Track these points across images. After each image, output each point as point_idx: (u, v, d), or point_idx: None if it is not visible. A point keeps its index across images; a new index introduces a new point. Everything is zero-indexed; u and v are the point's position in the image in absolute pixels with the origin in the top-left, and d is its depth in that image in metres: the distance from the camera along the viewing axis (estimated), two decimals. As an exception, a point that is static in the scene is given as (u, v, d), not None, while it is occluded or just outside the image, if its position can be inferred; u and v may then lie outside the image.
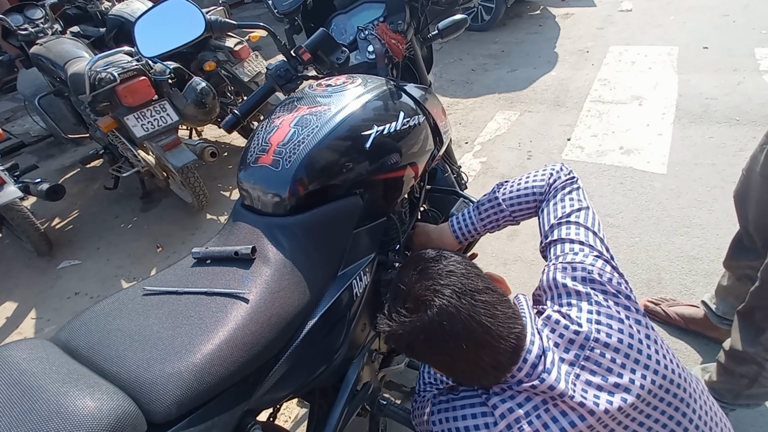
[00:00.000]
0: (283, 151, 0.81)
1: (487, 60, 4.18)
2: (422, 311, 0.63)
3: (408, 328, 0.64)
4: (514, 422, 0.62)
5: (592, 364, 0.64)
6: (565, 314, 0.68)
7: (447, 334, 0.62)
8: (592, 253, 0.75)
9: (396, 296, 0.69)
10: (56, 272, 2.37)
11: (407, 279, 0.68)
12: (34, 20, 2.82)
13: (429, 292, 0.64)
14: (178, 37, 0.93)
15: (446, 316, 0.62)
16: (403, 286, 0.68)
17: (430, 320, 0.62)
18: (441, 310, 0.62)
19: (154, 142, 2.19)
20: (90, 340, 0.61)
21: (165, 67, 2.16)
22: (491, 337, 0.62)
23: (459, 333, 0.61)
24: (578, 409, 0.61)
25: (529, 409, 0.62)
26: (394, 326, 0.66)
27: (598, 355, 0.65)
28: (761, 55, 3.36)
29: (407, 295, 0.67)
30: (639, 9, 4.79)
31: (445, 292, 0.63)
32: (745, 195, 1.21)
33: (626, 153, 2.54)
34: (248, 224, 0.81)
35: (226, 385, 0.60)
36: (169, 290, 0.68)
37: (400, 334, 0.66)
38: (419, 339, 0.64)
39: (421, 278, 0.67)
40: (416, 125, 0.95)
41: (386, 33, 1.07)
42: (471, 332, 0.62)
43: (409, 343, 0.66)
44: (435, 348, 0.64)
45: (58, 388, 0.51)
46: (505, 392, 0.64)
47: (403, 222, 1.14)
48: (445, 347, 0.63)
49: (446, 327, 0.61)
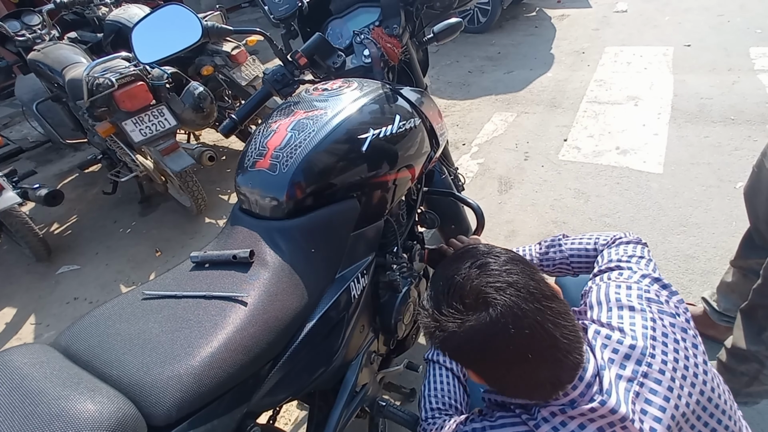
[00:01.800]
0: (280, 155, 0.82)
1: (483, 62, 4.20)
2: (483, 310, 0.56)
3: (464, 327, 0.56)
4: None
5: (652, 382, 0.58)
6: (617, 327, 0.63)
7: (509, 339, 0.54)
8: (649, 277, 0.71)
9: (449, 289, 0.60)
10: (55, 277, 2.37)
11: (464, 272, 0.60)
12: (31, 26, 2.82)
13: (492, 289, 0.57)
14: (175, 43, 0.94)
15: (511, 319, 0.54)
16: (460, 279, 0.60)
17: (492, 321, 0.55)
18: (506, 311, 0.55)
19: (153, 147, 2.20)
20: (90, 345, 0.62)
21: (162, 72, 2.17)
22: (557, 349, 0.56)
23: (523, 339, 0.54)
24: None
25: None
26: (444, 323, 0.58)
27: (657, 372, 0.58)
28: (756, 54, 3.38)
29: (465, 290, 0.59)
30: (634, 10, 4.82)
31: (509, 292, 0.56)
32: (756, 192, 1.20)
33: (623, 153, 2.56)
34: (246, 228, 0.82)
35: (225, 387, 0.60)
36: (168, 294, 0.69)
37: (451, 333, 0.57)
38: (475, 340, 0.56)
39: (482, 274, 0.59)
40: (412, 128, 0.95)
41: (382, 37, 1.08)
42: (535, 340, 0.55)
43: (460, 344, 0.57)
44: (490, 352, 0.56)
45: (59, 392, 0.52)
46: (556, 417, 0.57)
47: (400, 224, 1.15)
48: (502, 353, 0.56)
49: (510, 331, 0.54)
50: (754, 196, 1.21)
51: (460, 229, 1.72)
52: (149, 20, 0.96)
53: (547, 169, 2.56)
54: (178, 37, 0.94)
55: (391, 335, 1.08)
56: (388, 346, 1.16)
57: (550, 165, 2.59)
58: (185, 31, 0.94)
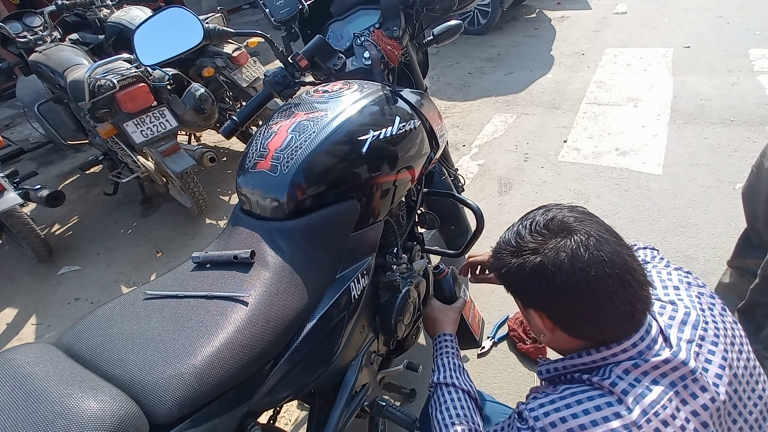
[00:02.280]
0: (281, 156, 0.82)
1: (484, 63, 4.21)
2: (567, 236, 0.58)
3: (546, 248, 0.58)
4: (649, 407, 0.54)
5: (709, 344, 0.60)
6: (668, 301, 0.65)
7: (591, 262, 0.56)
8: (680, 270, 0.74)
9: (533, 222, 0.63)
10: (57, 278, 2.38)
11: (546, 209, 0.64)
12: (32, 28, 2.83)
13: (574, 220, 0.60)
14: (176, 46, 0.95)
15: (594, 242, 0.57)
16: (543, 213, 0.63)
17: (577, 243, 0.57)
18: (589, 236, 0.57)
19: (154, 148, 2.21)
20: (92, 344, 0.63)
21: (164, 73, 2.18)
22: (633, 278, 0.57)
23: (603, 265, 0.56)
24: (702, 395, 0.56)
25: (660, 392, 0.55)
26: (530, 243, 0.60)
27: (712, 336, 0.61)
28: (755, 56, 3.39)
29: (551, 220, 0.61)
30: (634, 11, 4.83)
31: (591, 223, 0.60)
32: (755, 192, 1.20)
33: (622, 154, 2.56)
34: (247, 229, 0.83)
35: (226, 386, 0.61)
36: (169, 294, 0.70)
37: (535, 262, 0.58)
38: (558, 264, 0.57)
39: (564, 209, 0.63)
40: (412, 129, 0.96)
41: (382, 39, 1.09)
42: (615, 266, 0.56)
43: (541, 269, 0.58)
44: (570, 278, 0.56)
45: (61, 390, 0.52)
46: (630, 374, 0.57)
47: (400, 225, 1.16)
48: (583, 279, 0.56)
49: (593, 253, 0.56)
50: (752, 195, 1.22)
51: (460, 230, 1.72)
52: (151, 23, 0.97)
53: (546, 170, 2.56)
54: (179, 39, 0.95)
55: (391, 335, 1.09)
56: (388, 347, 1.16)
57: (549, 166, 2.59)
58: (187, 34, 0.95)
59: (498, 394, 1.47)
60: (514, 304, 1.85)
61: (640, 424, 0.53)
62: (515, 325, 1.62)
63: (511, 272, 0.62)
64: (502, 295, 1.81)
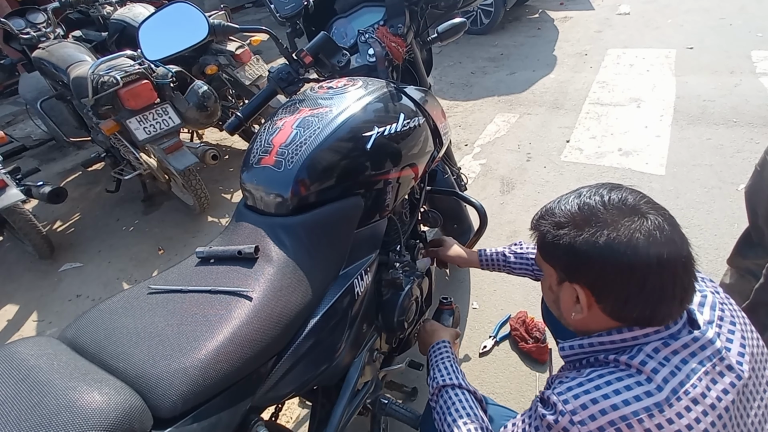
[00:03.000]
0: (286, 152, 0.82)
1: (486, 63, 4.20)
2: (641, 216, 0.58)
3: (622, 226, 0.57)
4: (679, 386, 0.55)
5: (728, 324, 0.62)
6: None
7: (667, 243, 0.56)
8: None
9: (606, 197, 0.62)
10: (58, 275, 2.38)
11: (618, 190, 0.63)
12: (36, 24, 2.84)
13: (646, 206, 0.60)
14: (181, 41, 0.95)
15: (667, 226, 0.58)
16: (616, 190, 0.63)
17: (653, 224, 0.57)
18: (664, 219, 0.58)
19: (156, 145, 2.21)
20: (96, 338, 0.63)
21: (167, 70, 2.18)
22: (691, 265, 0.58)
23: (677, 245, 0.57)
24: (728, 374, 0.57)
25: (689, 371, 0.56)
26: (605, 217, 0.59)
27: (730, 317, 0.63)
28: (758, 57, 3.39)
29: (623, 199, 0.61)
30: (637, 12, 4.83)
31: (661, 210, 0.60)
32: (758, 190, 1.20)
33: (625, 154, 2.56)
34: (251, 224, 0.83)
35: (230, 381, 0.61)
36: (174, 289, 0.70)
37: (610, 237, 0.57)
38: (636, 240, 0.57)
39: (638, 193, 0.63)
40: (416, 127, 0.96)
41: (386, 36, 1.09)
42: (683, 251, 0.58)
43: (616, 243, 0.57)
44: (646, 256, 0.56)
45: (66, 383, 0.52)
46: (659, 353, 0.58)
47: (403, 222, 1.16)
48: (657, 257, 0.56)
49: (667, 236, 0.57)
50: (755, 194, 1.22)
51: (463, 228, 1.72)
52: (156, 17, 0.97)
53: (549, 170, 2.56)
54: (184, 34, 0.95)
55: (393, 333, 1.09)
56: (391, 344, 1.16)
57: (552, 166, 2.59)
58: (192, 29, 0.95)
59: (499, 393, 1.47)
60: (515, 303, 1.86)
61: (672, 402, 0.54)
62: (517, 324, 1.62)
63: (573, 244, 0.60)
64: (504, 294, 1.81)
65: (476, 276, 1.92)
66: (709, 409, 0.54)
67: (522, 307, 1.71)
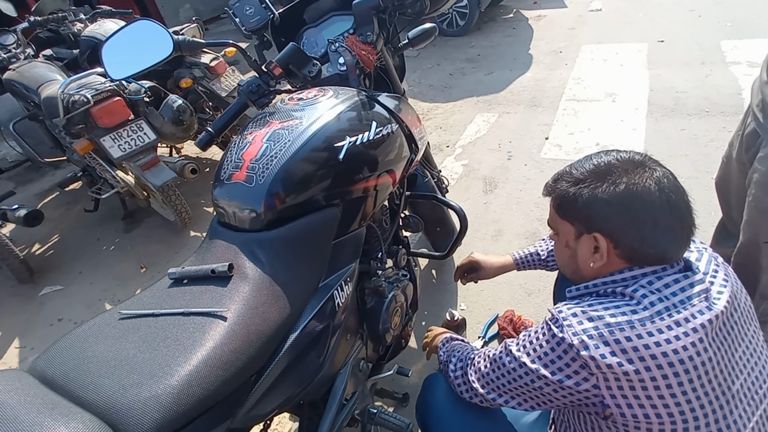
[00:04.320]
0: (257, 166, 0.81)
1: (464, 64, 4.24)
2: (649, 168, 0.67)
3: (635, 174, 0.66)
4: (664, 309, 0.62)
5: (722, 274, 0.69)
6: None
7: (672, 187, 0.65)
8: None
9: (617, 154, 0.71)
10: (39, 299, 2.32)
11: (626, 152, 0.72)
12: (5, 46, 2.77)
13: (652, 162, 0.69)
14: (146, 58, 0.93)
15: (671, 175, 0.67)
16: (624, 151, 0.72)
17: (661, 173, 0.66)
18: (667, 170, 0.68)
19: (133, 162, 2.17)
20: (66, 369, 0.61)
21: (140, 86, 2.15)
22: (690, 208, 0.67)
23: (681, 190, 0.66)
24: (714, 308, 0.63)
25: (676, 300, 0.63)
26: (619, 168, 0.67)
27: (723, 270, 0.70)
28: (727, 47, 3.47)
29: (631, 156, 0.70)
30: (609, 8, 4.92)
31: (664, 166, 0.69)
32: (726, 181, 1.23)
33: (602, 149, 2.59)
34: (225, 241, 0.81)
35: (206, 405, 0.59)
36: (145, 313, 0.68)
37: (627, 183, 0.65)
38: (648, 185, 0.65)
39: (642, 155, 0.71)
40: (390, 134, 0.96)
41: (356, 44, 1.08)
42: (685, 195, 0.67)
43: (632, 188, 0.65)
44: (658, 198, 0.64)
45: (32, 418, 0.50)
46: (652, 284, 0.65)
47: (384, 229, 1.15)
48: (667, 198, 0.64)
49: (672, 182, 0.66)
50: (724, 185, 1.25)
51: (446, 231, 1.73)
52: (119, 36, 0.95)
53: (530, 168, 2.58)
54: (149, 52, 0.94)
55: (379, 341, 1.08)
56: (378, 353, 1.16)
57: (533, 163, 2.62)
58: (157, 46, 0.93)
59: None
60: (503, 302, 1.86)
61: (654, 319, 0.60)
62: (505, 323, 1.63)
63: (595, 195, 0.67)
64: (491, 294, 1.82)
65: (463, 277, 1.92)
66: (691, 331, 0.59)
67: (509, 306, 1.72)
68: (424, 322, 1.75)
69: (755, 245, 1.08)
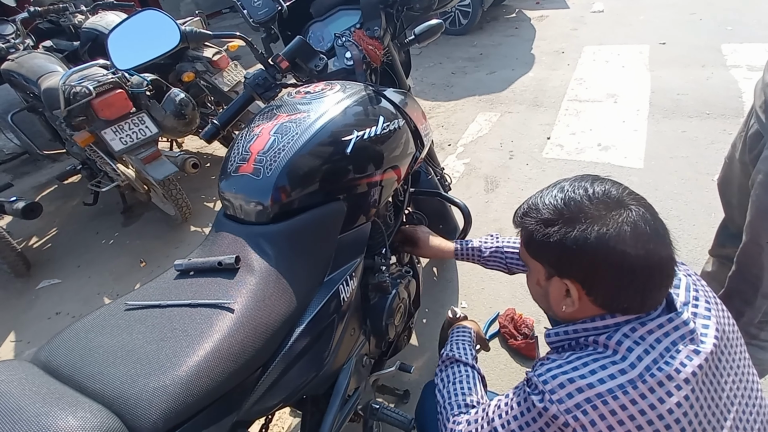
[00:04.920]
0: (264, 159, 0.81)
1: (466, 63, 4.24)
2: (626, 209, 0.59)
3: (610, 220, 0.58)
4: (652, 363, 0.57)
5: (703, 302, 0.64)
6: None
7: (652, 234, 0.58)
8: None
9: (590, 190, 0.62)
10: (35, 293, 2.30)
11: (600, 182, 0.64)
12: (4, 36, 2.75)
13: (629, 198, 0.61)
14: (153, 49, 0.92)
15: (650, 217, 0.59)
16: (599, 182, 0.64)
17: (638, 216, 0.59)
18: (646, 210, 0.60)
19: (134, 156, 2.15)
20: (71, 359, 0.60)
21: (142, 79, 2.13)
22: (672, 251, 0.60)
23: (661, 235, 0.59)
24: (701, 351, 0.58)
25: (663, 348, 0.58)
26: (592, 212, 0.60)
27: (704, 298, 0.65)
28: (727, 50, 3.49)
29: (606, 192, 0.62)
30: (610, 9, 4.93)
31: (642, 201, 0.62)
32: (728, 182, 1.24)
33: (604, 149, 2.60)
34: (231, 234, 0.81)
35: (213, 397, 0.59)
36: (152, 304, 0.67)
37: (600, 232, 0.58)
38: (624, 233, 0.58)
39: (618, 185, 0.64)
40: (396, 129, 0.96)
41: (363, 39, 1.08)
42: (667, 240, 0.60)
43: (606, 238, 0.58)
44: (634, 248, 0.57)
45: (38, 408, 0.50)
46: (636, 332, 0.60)
47: (388, 225, 1.15)
48: (645, 248, 0.58)
49: (651, 226, 0.58)
50: (726, 186, 1.25)
51: (448, 228, 1.72)
52: (125, 26, 0.94)
53: (531, 167, 2.59)
54: (155, 42, 0.93)
55: (382, 338, 1.08)
56: (380, 349, 1.15)
57: (534, 163, 2.62)
58: (163, 37, 0.92)
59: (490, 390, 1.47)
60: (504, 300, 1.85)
61: (645, 378, 0.56)
62: (506, 321, 1.63)
63: (564, 241, 0.60)
64: (492, 292, 1.82)
65: (464, 275, 1.92)
66: (683, 383, 0.56)
67: (510, 305, 1.72)
68: (425, 319, 1.75)
69: (758, 246, 1.09)
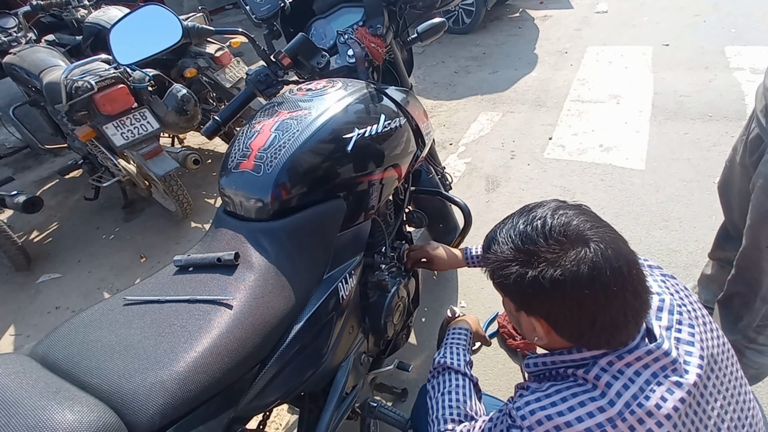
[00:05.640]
0: (265, 155, 0.81)
1: (469, 62, 4.23)
2: (583, 246, 0.56)
3: (566, 260, 0.55)
4: (632, 399, 0.54)
5: (687, 328, 0.61)
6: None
7: (612, 274, 0.54)
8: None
9: (547, 225, 0.59)
10: (36, 287, 2.31)
11: (561, 213, 0.60)
12: (6, 29, 2.74)
13: (590, 229, 0.57)
14: (155, 44, 0.92)
15: (612, 252, 0.55)
16: (560, 217, 0.59)
17: (595, 254, 0.55)
18: (608, 245, 0.55)
19: (135, 151, 2.15)
20: (69, 353, 0.60)
21: (144, 74, 2.13)
22: (642, 287, 0.57)
23: (623, 275, 0.55)
24: (685, 383, 0.56)
25: (643, 382, 0.56)
26: (544, 254, 0.57)
27: (688, 320, 0.62)
28: (731, 53, 3.48)
29: (565, 226, 0.58)
30: (614, 10, 4.92)
31: (605, 231, 0.58)
32: (729, 185, 1.24)
33: (606, 150, 2.60)
34: (231, 230, 0.81)
35: (211, 392, 0.59)
36: (150, 299, 0.67)
37: (555, 275, 0.55)
38: (581, 276, 0.55)
39: (580, 214, 0.60)
40: (398, 127, 0.95)
41: (366, 37, 1.08)
42: (631, 277, 0.56)
43: (558, 279, 0.55)
44: (593, 291, 0.55)
45: (35, 402, 0.50)
46: (614, 365, 0.57)
47: (388, 224, 1.15)
48: (604, 290, 0.55)
49: (612, 265, 0.54)
50: (727, 189, 1.25)
51: (448, 228, 1.72)
52: (128, 20, 0.94)
53: (533, 168, 2.58)
54: (158, 37, 0.93)
55: (381, 336, 1.08)
56: (379, 347, 1.15)
57: (535, 163, 2.62)
58: (165, 32, 0.92)
59: (489, 390, 1.47)
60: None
61: (625, 416, 0.54)
62: (505, 321, 1.63)
63: (521, 283, 0.58)
64: (492, 292, 1.81)
65: (463, 275, 1.92)
66: (664, 419, 0.54)
67: (509, 305, 1.72)
68: (424, 318, 1.76)
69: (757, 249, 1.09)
